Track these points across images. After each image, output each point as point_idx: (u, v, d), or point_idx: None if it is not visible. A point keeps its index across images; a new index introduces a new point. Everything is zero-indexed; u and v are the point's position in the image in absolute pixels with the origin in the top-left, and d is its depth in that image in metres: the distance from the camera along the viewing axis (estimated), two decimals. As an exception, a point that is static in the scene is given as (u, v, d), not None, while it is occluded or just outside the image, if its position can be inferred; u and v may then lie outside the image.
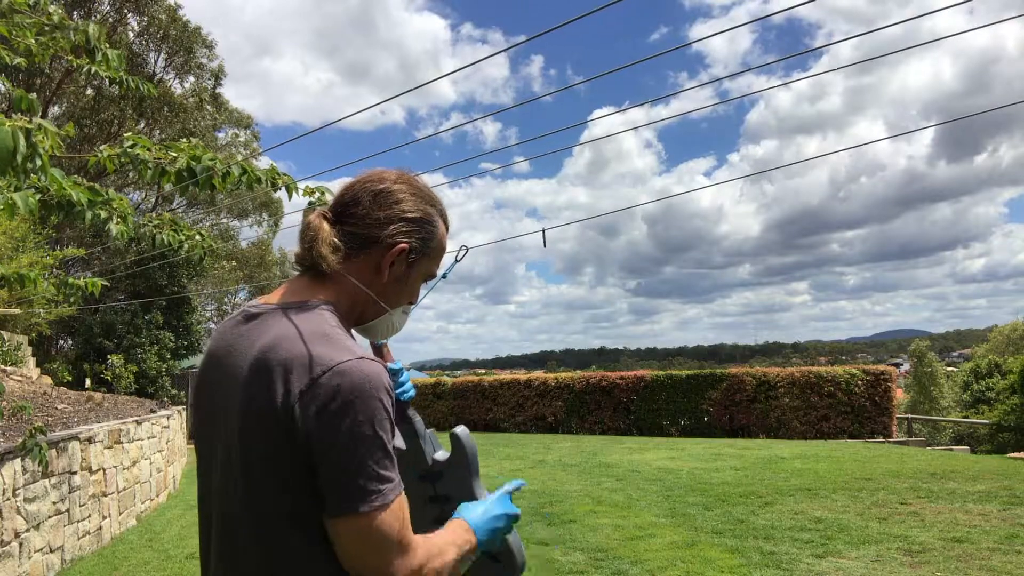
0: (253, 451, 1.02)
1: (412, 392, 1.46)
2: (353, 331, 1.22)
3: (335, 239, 1.15)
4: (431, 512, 1.33)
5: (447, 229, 1.27)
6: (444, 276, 1.47)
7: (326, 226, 1.16)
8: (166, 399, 14.87)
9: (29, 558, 5.02)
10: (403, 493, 1.03)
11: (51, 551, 5.44)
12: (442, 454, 1.39)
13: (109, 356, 15.83)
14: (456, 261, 1.49)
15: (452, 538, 1.12)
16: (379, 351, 1.43)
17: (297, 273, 1.21)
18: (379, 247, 1.16)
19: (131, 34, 21.81)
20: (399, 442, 1.37)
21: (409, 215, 1.18)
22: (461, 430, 1.36)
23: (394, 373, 1.42)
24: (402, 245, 1.17)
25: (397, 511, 1.01)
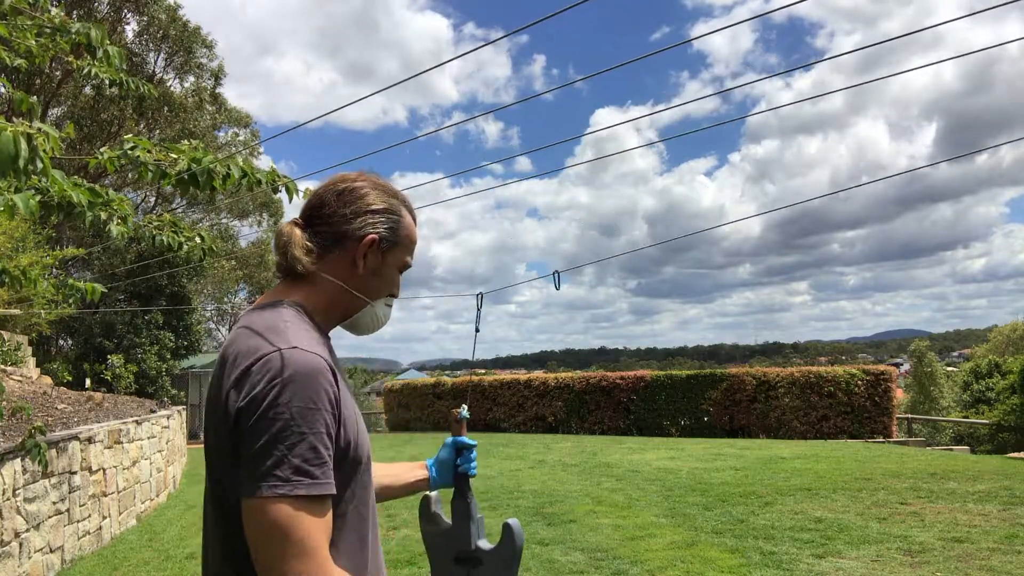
0: (209, 444, 1.09)
1: (475, 470, 1.49)
2: (341, 327, 1.28)
3: (307, 242, 1.20)
4: None
5: (414, 221, 1.31)
6: (477, 330, 1.59)
7: (297, 231, 1.21)
8: (166, 399, 14.88)
9: (29, 558, 5.02)
10: (329, 500, 1.00)
11: (51, 551, 5.44)
12: (485, 543, 1.39)
13: (109, 356, 15.84)
14: (479, 309, 1.58)
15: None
16: (459, 427, 1.48)
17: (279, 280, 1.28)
18: (350, 241, 1.21)
19: (131, 34, 21.82)
20: (443, 518, 1.43)
21: (373, 207, 1.23)
22: (515, 523, 1.36)
23: (468, 448, 1.48)
24: (371, 236, 1.22)
25: (307, 509, 0.96)
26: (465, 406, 1.56)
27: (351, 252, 1.21)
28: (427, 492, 1.45)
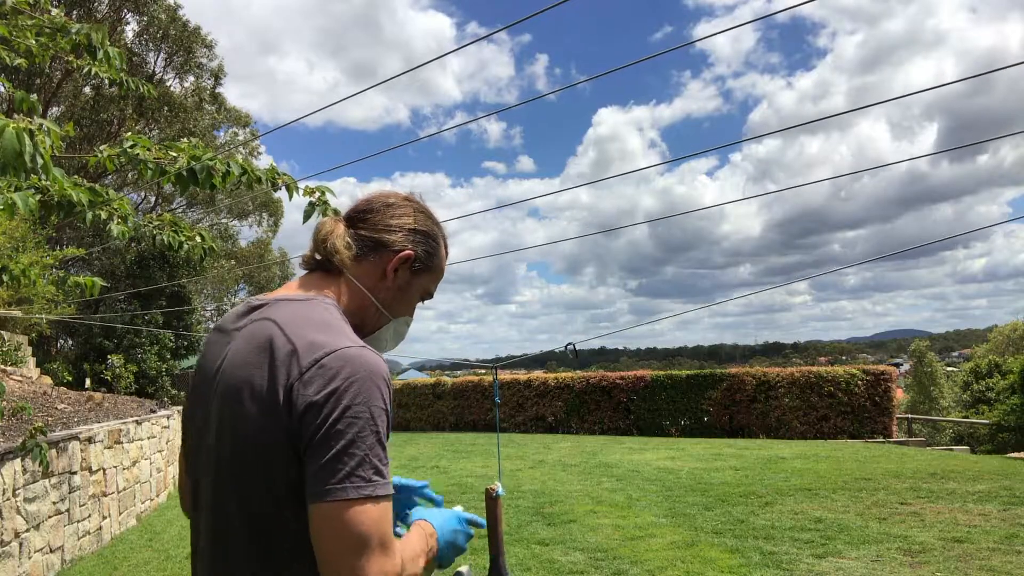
0: (248, 435, 1.01)
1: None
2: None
3: (348, 238, 1.21)
4: None
5: (447, 255, 1.32)
6: (497, 402, 1.56)
7: (341, 226, 1.22)
8: (166, 399, 14.87)
9: (29, 558, 5.02)
10: (391, 499, 1.00)
11: (51, 551, 5.44)
12: None
13: (109, 356, 15.83)
14: (495, 378, 1.59)
15: (422, 545, 1.12)
16: (493, 504, 1.43)
17: (304, 273, 1.25)
18: (387, 252, 1.21)
19: (130, 34, 21.82)
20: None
21: (418, 227, 1.25)
22: (466, 571, 1.34)
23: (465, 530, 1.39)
24: (409, 251, 1.22)
25: (385, 509, 0.97)
26: (500, 484, 1.50)
27: (385, 262, 1.21)
28: (460, 568, 1.39)
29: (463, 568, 1.39)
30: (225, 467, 1.04)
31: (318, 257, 1.22)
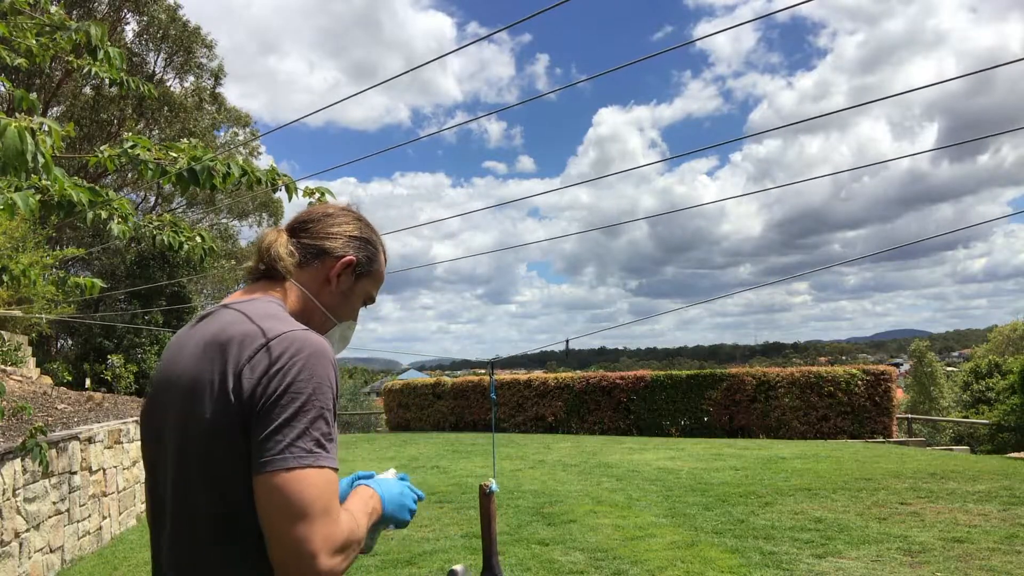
0: (206, 427, 1.03)
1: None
2: None
3: (291, 247, 1.26)
4: None
5: (385, 261, 1.39)
6: (494, 400, 1.56)
7: (283, 236, 1.28)
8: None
9: (29, 558, 5.02)
10: (336, 472, 1.03)
11: (51, 551, 5.44)
12: None
13: (109, 356, 15.83)
14: (491, 376, 1.58)
15: (363, 507, 1.15)
16: (486, 501, 1.50)
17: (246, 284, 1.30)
18: (329, 258, 1.28)
19: (130, 34, 21.82)
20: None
21: (356, 234, 1.32)
22: (460, 569, 1.38)
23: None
24: (350, 257, 1.29)
25: (329, 479, 0.99)
26: (494, 480, 1.55)
27: (328, 269, 1.27)
28: (454, 567, 1.44)
29: (457, 567, 1.40)
30: (189, 462, 1.06)
31: (261, 267, 1.27)
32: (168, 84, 22.55)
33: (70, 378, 13.98)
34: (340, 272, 1.27)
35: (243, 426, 1.01)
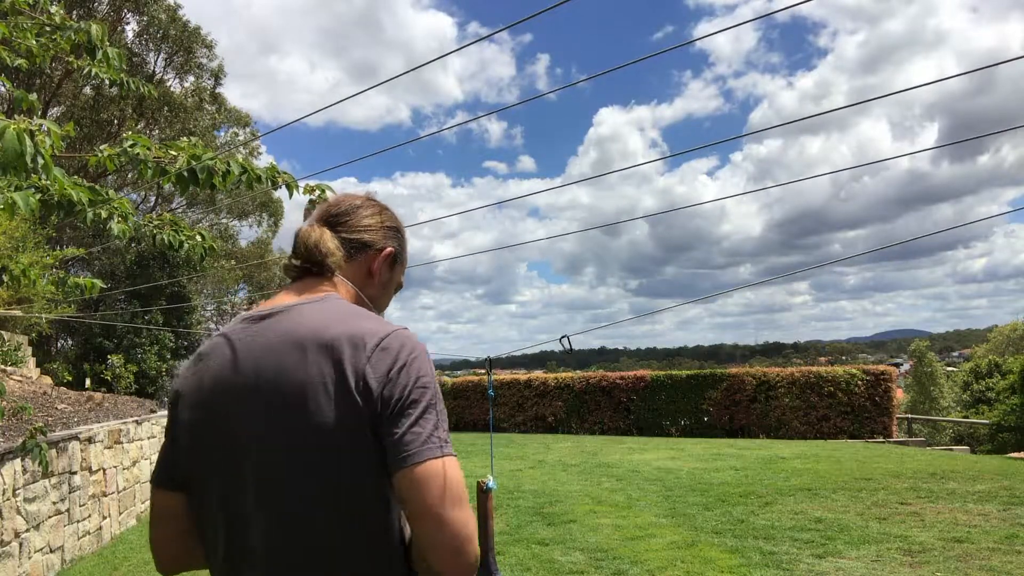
0: (325, 428, 1.03)
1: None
2: None
3: (336, 241, 1.24)
4: None
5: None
6: (491, 396, 1.59)
7: (327, 230, 1.24)
8: (166, 399, 14.85)
9: (29, 558, 5.02)
10: None
11: (51, 551, 5.44)
12: None
13: (109, 356, 15.83)
14: (489, 373, 1.60)
15: None
16: (484, 498, 1.52)
17: (290, 282, 1.26)
18: (371, 251, 1.28)
19: (131, 34, 21.83)
20: None
21: (389, 224, 1.32)
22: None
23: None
24: (390, 249, 1.30)
25: (458, 466, 1.06)
26: (492, 476, 1.57)
27: (369, 261, 1.27)
28: (487, 480, 1.48)
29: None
30: (297, 465, 1.05)
31: (303, 264, 1.24)
32: (168, 84, 22.55)
33: (70, 378, 13.98)
34: (381, 264, 1.28)
35: (371, 425, 1.03)
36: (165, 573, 1.22)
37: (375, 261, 1.27)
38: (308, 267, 1.23)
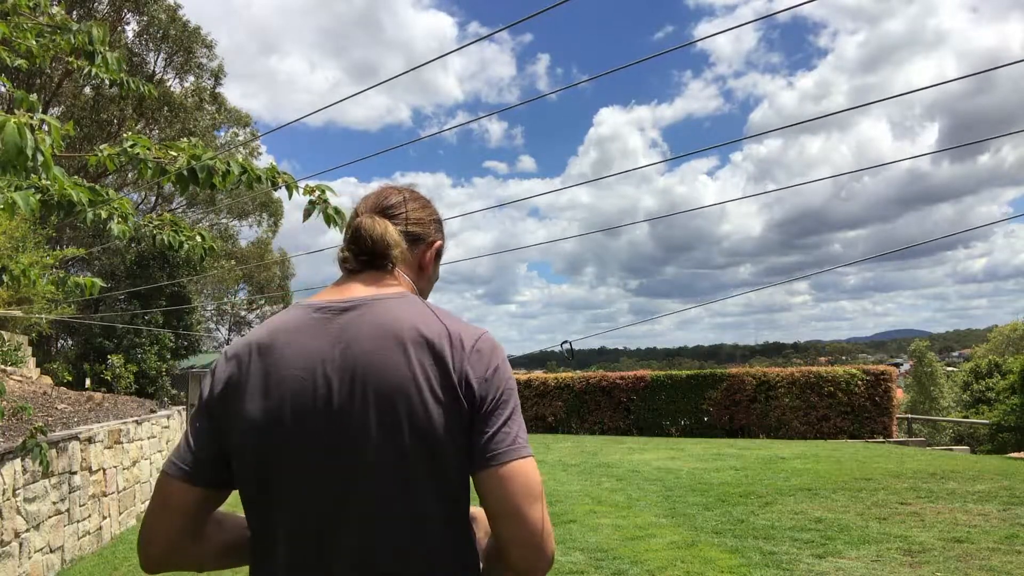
0: (431, 424, 1.03)
1: None
2: None
3: (399, 233, 1.21)
4: None
5: None
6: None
7: (388, 222, 1.20)
8: (166, 399, 14.87)
9: (29, 558, 5.02)
10: None
11: (51, 551, 5.44)
12: None
13: (109, 356, 15.83)
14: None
15: None
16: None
17: (344, 274, 1.21)
18: (423, 244, 1.27)
19: (131, 34, 21.83)
20: None
21: (436, 217, 1.31)
22: None
23: None
24: (440, 242, 1.30)
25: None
26: None
27: (421, 255, 1.26)
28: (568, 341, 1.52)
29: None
30: (403, 465, 1.03)
31: (356, 256, 1.19)
32: (168, 84, 22.56)
33: (70, 378, 13.98)
34: (431, 258, 1.28)
35: (469, 422, 1.06)
36: (153, 568, 1.15)
37: (426, 254, 1.27)
38: (369, 260, 1.18)
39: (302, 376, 1.06)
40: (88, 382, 14.90)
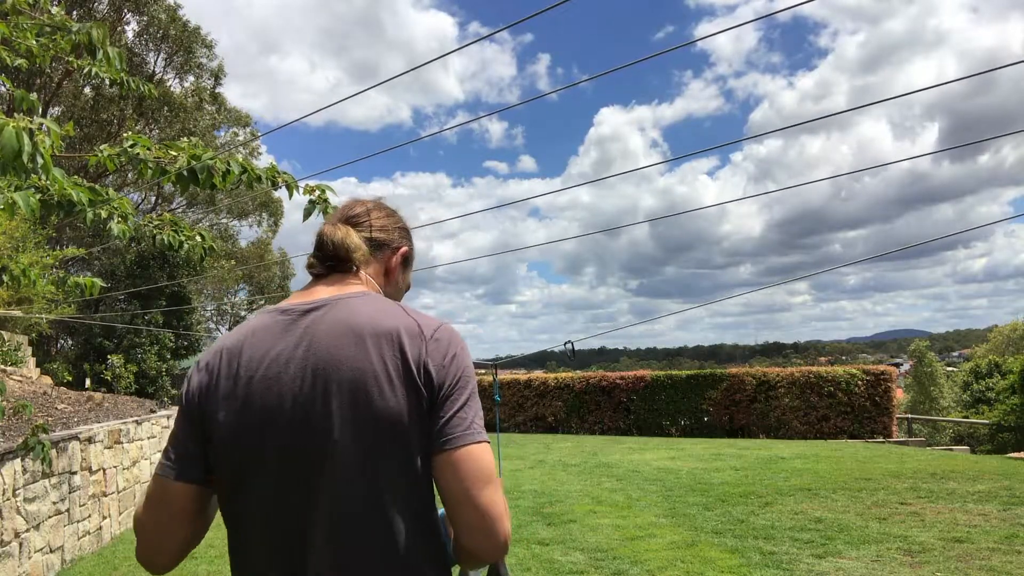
0: (392, 412, 1.07)
1: None
2: None
3: (360, 237, 1.28)
4: None
5: None
6: (497, 400, 1.59)
7: (351, 228, 1.28)
8: (166, 399, 14.87)
9: (29, 558, 5.02)
10: None
11: (51, 551, 5.44)
12: None
13: (109, 356, 15.82)
14: (495, 377, 1.60)
15: None
16: None
17: (311, 279, 1.27)
18: (388, 250, 1.32)
19: (131, 34, 21.83)
20: None
21: (401, 225, 1.37)
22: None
23: None
24: (406, 248, 1.35)
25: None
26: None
27: (386, 261, 1.32)
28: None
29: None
30: (369, 454, 1.07)
31: (321, 261, 1.26)
32: (168, 84, 22.55)
33: (70, 378, 13.98)
34: (398, 263, 1.33)
35: (428, 409, 1.09)
36: (160, 571, 1.19)
37: (391, 260, 1.32)
38: (333, 264, 1.25)
39: (268, 376, 1.11)
40: (88, 382, 14.90)
